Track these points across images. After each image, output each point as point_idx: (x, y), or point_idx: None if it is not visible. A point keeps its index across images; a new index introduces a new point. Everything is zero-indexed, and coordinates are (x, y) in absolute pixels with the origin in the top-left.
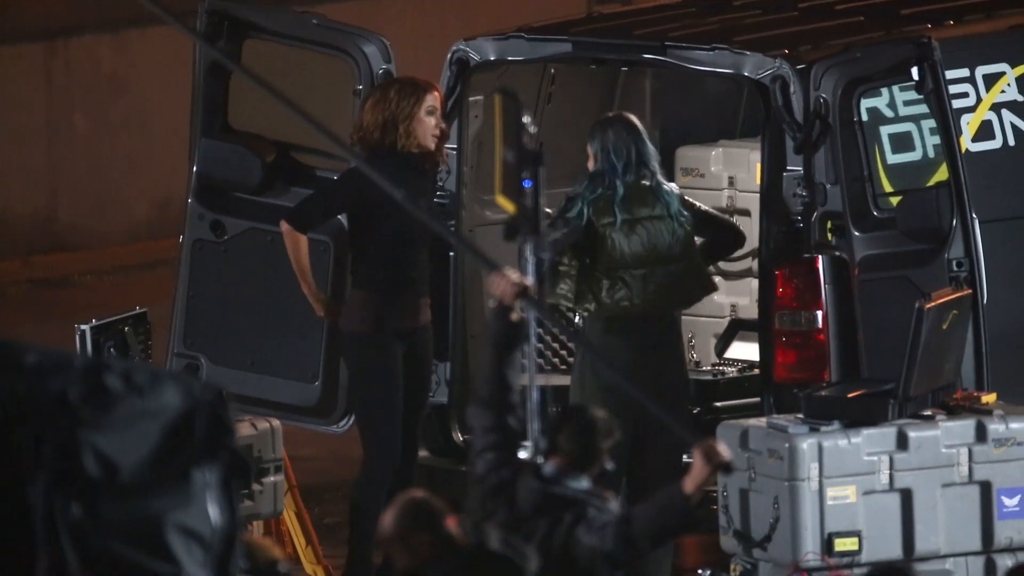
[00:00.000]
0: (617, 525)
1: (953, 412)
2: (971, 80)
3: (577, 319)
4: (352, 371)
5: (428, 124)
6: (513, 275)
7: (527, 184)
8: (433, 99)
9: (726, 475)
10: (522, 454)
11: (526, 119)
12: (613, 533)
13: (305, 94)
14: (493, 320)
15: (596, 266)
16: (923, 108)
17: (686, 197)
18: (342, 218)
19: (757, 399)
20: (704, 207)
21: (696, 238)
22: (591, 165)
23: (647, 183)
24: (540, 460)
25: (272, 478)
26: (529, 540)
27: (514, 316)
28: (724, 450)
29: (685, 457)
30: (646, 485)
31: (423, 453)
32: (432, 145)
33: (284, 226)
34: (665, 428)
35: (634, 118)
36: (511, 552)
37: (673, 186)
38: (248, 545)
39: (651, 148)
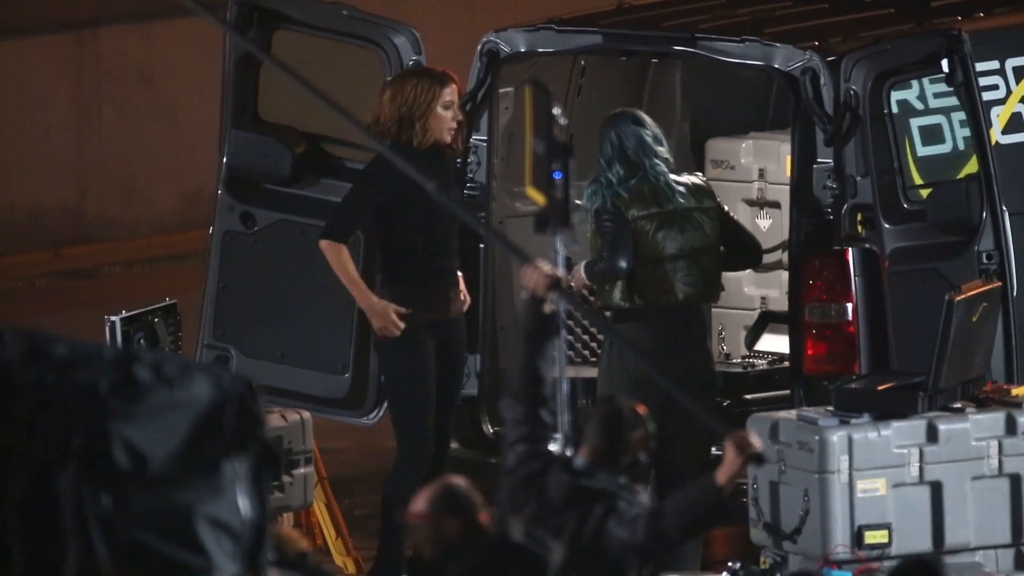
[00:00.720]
0: (648, 518)
1: (983, 405)
2: (1001, 72)
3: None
4: (384, 364)
5: (445, 118)
6: (545, 267)
7: (557, 176)
8: (450, 92)
9: (758, 466)
10: (553, 446)
11: (556, 111)
12: (644, 526)
13: (335, 85)
14: (525, 312)
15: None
16: (953, 100)
17: (714, 192)
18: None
19: (787, 391)
20: (730, 214)
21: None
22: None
23: (653, 179)
24: (570, 453)
25: (302, 470)
26: (559, 533)
27: (546, 308)
28: (756, 441)
29: (713, 449)
30: (674, 476)
31: (453, 445)
32: (449, 139)
33: (322, 243)
34: (693, 419)
35: (631, 111)
36: (535, 544)
37: (693, 178)
38: (276, 537)
39: (644, 136)
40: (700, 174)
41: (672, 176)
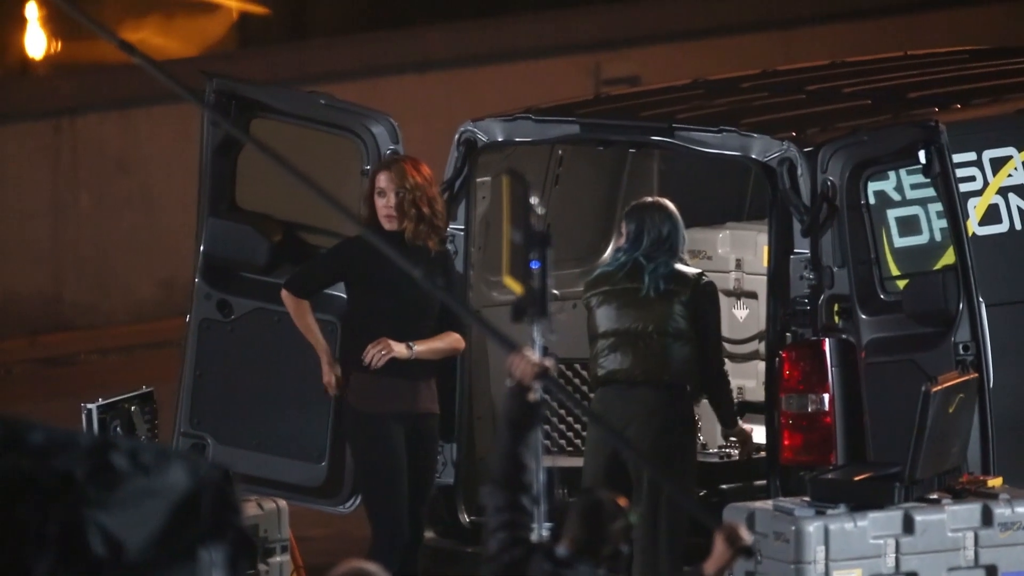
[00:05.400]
0: None
1: (959, 496)
2: (978, 164)
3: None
4: (355, 451)
5: (378, 205)
6: (533, 356)
7: (535, 265)
8: (383, 179)
9: (747, 559)
10: (535, 535)
11: (533, 200)
12: None
13: (312, 173)
14: (509, 399)
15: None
16: (930, 191)
17: (699, 286)
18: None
19: (764, 481)
20: (709, 326)
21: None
22: (620, 242)
23: (643, 260)
24: (552, 541)
25: (278, 558)
26: None
27: (532, 396)
28: (745, 533)
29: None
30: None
31: (429, 534)
32: (386, 225)
33: (283, 293)
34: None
35: (670, 205)
36: None
37: (683, 267)
38: None
39: (682, 235)
40: (700, 270)
41: (651, 261)
